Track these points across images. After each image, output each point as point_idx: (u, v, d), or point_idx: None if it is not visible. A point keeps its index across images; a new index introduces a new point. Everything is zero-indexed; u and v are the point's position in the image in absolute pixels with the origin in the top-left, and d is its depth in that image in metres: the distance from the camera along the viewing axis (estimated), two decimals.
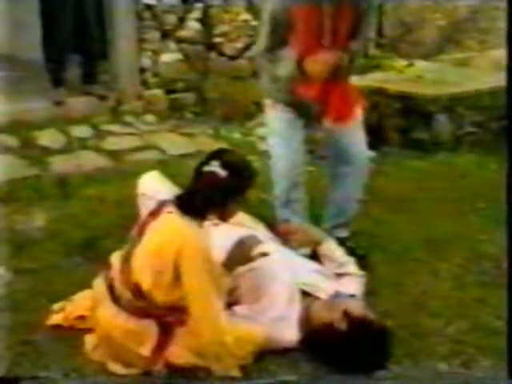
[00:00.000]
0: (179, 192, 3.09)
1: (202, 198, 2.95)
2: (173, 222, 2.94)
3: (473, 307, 3.61)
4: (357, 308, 3.19)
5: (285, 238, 3.75)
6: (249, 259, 3.30)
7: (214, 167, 2.93)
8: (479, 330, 3.42)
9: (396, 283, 3.81)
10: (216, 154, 3.01)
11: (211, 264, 2.90)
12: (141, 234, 3.01)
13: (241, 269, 3.32)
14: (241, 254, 3.27)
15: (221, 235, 3.27)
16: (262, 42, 3.79)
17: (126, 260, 3.01)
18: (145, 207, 3.33)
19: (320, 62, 3.65)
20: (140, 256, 2.95)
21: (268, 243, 3.53)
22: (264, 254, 3.32)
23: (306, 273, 3.49)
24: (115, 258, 3.12)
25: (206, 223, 3.06)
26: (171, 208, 2.97)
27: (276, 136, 3.91)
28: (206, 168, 2.96)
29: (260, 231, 3.68)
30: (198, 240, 2.88)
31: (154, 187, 3.58)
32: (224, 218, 3.07)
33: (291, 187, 3.91)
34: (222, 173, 2.92)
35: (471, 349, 3.28)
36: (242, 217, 3.57)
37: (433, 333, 3.40)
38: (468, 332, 3.41)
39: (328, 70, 3.67)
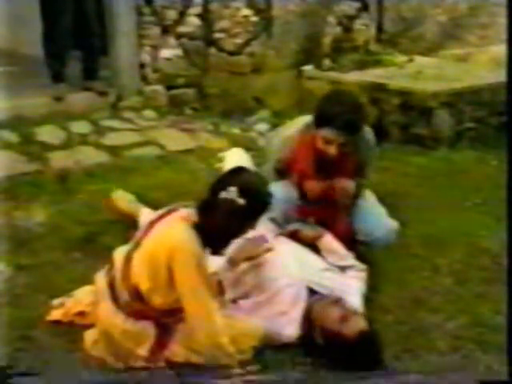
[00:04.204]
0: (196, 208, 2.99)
1: (219, 227, 2.90)
2: (168, 225, 2.93)
3: (473, 303, 3.61)
4: (333, 323, 3.13)
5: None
6: (254, 255, 3.31)
7: (232, 194, 2.86)
8: (479, 325, 3.42)
9: (396, 279, 3.82)
10: (232, 178, 2.93)
11: (203, 266, 2.88)
12: (144, 236, 3.00)
13: (249, 263, 3.34)
14: (246, 250, 3.28)
15: None
16: (267, 174, 3.90)
17: (128, 261, 2.99)
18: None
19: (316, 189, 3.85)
20: (139, 258, 2.95)
21: (278, 240, 3.55)
22: (268, 250, 3.33)
23: (316, 271, 3.50)
24: (118, 255, 3.09)
25: None
26: (180, 216, 2.95)
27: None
28: (224, 194, 2.87)
29: (271, 230, 3.69)
30: (189, 242, 2.85)
31: None
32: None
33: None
34: (241, 201, 2.85)
35: (471, 344, 3.28)
36: None
37: (433, 328, 3.40)
38: (468, 327, 3.41)
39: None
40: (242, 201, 2.85)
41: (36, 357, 3.10)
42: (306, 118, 3.88)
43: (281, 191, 3.72)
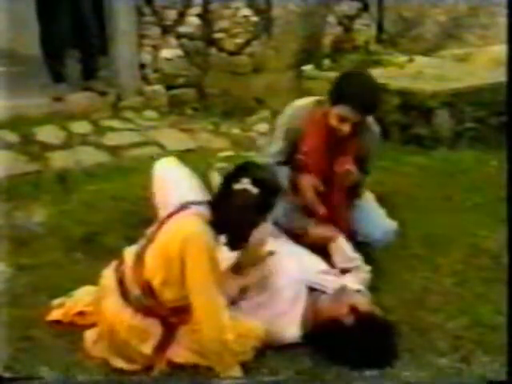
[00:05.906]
0: (209, 204, 3.03)
1: (234, 220, 2.93)
2: (180, 220, 2.95)
3: (473, 303, 3.61)
4: (363, 303, 3.19)
5: (301, 238, 3.75)
6: (258, 260, 3.31)
7: (245, 185, 2.89)
8: (479, 325, 3.42)
9: (396, 279, 3.82)
10: (245, 170, 2.97)
11: (215, 262, 2.90)
12: (156, 232, 3.01)
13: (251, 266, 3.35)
14: (250, 256, 3.28)
15: None
16: (275, 145, 3.88)
17: (140, 257, 3.01)
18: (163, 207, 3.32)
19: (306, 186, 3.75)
20: (152, 252, 2.96)
21: (278, 240, 3.54)
22: (271, 253, 3.33)
23: (315, 271, 3.50)
24: (128, 253, 3.10)
25: None
26: (192, 212, 2.96)
27: None
28: (237, 186, 2.91)
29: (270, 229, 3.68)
30: (202, 235, 2.88)
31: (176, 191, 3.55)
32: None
33: None
34: (254, 190, 2.89)
35: (471, 344, 3.28)
36: None
37: (433, 328, 3.41)
38: (468, 327, 3.41)
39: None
40: (255, 190, 2.88)
41: (36, 357, 3.10)
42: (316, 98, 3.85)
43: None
